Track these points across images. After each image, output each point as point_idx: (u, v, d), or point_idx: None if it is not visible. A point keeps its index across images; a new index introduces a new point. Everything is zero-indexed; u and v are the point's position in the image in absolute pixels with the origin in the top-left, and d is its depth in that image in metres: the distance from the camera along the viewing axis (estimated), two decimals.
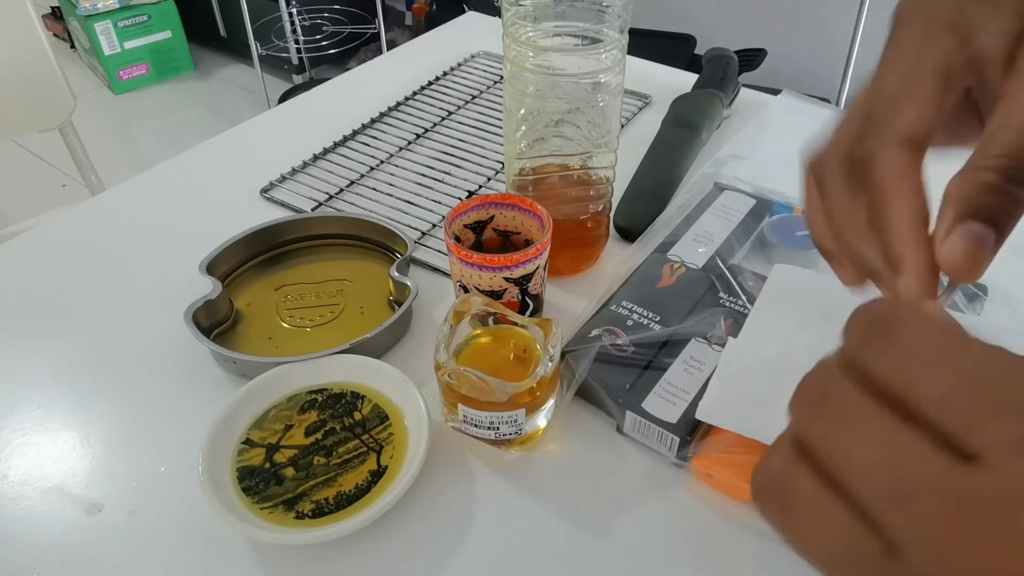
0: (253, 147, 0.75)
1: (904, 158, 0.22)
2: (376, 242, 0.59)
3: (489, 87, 0.85)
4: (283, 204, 0.66)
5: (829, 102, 1.00)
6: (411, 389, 0.45)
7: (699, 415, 0.42)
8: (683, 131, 0.69)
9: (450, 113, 0.80)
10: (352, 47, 2.40)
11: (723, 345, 0.46)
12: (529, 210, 0.50)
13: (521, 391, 0.42)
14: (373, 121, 0.78)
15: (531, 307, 0.51)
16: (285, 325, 0.54)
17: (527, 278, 0.48)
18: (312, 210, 0.65)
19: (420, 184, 0.69)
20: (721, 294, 0.51)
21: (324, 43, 2.34)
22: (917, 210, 0.22)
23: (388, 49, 2.12)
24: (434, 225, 0.64)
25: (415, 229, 0.63)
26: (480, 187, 0.68)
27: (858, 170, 0.23)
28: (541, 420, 0.45)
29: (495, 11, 0.88)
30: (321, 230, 0.60)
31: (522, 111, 0.52)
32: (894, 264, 0.23)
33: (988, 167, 0.21)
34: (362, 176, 0.70)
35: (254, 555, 0.40)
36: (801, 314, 0.48)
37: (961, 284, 0.24)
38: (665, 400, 0.44)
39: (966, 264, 0.22)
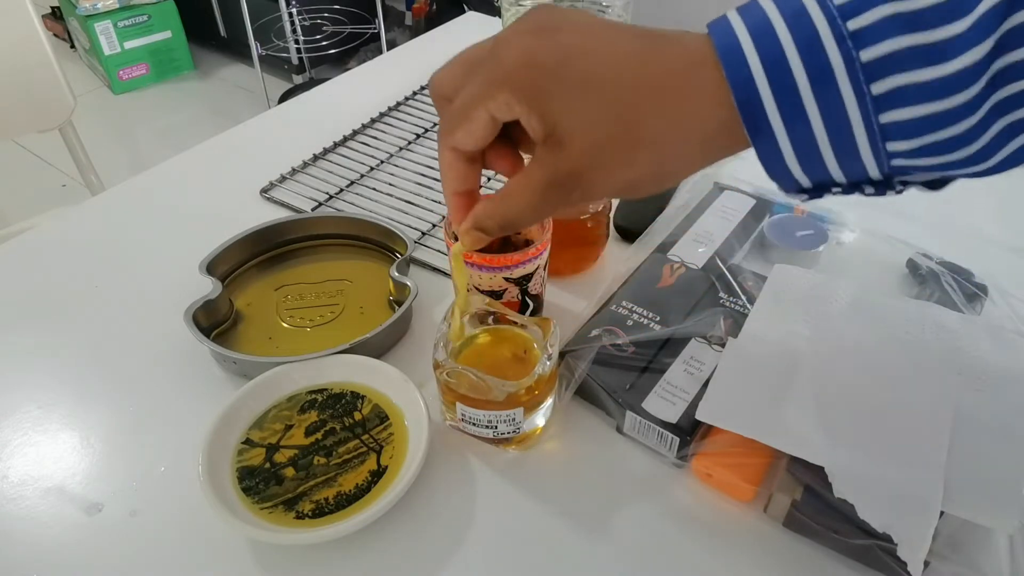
0: (253, 147, 0.75)
1: (450, 157, 0.33)
2: (376, 242, 0.59)
3: None
4: (283, 204, 0.66)
5: None
6: (411, 389, 0.45)
7: (699, 415, 0.42)
8: None
9: None
10: (352, 47, 2.40)
11: (723, 345, 0.46)
12: None
13: (519, 390, 0.42)
14: (373, 121, 0.78)
15: (531, 307, 0.51)
16: (285, 325, 0.54)
17: (527, 278, 0.48)
18: (312, 210, 0.65)
19: (420, 184, 0.69)
20: (721, 294, 0.51)
21: (324, 43, 2.34)
22: (452, 189, 0.35)
23: (388, 49, 2.12)
24: (434, 225, 0.64)
25: (415, 229, 0.63)
26: (480, 187, 0.68)
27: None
28: (539, 419, 0.45)
29: (495, 11, 0.88)
30: (321, 230, 0.60)
31: None
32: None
33: (482, 228, 0.34)
34: (362, 176, 0.70)
35: (254, 555, 0.40)
36: (801, 314, 0.48)
37: None
38: (665, 400, 0.44)
39: (470, 242, 0.36)
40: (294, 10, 2.33)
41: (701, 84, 0.27)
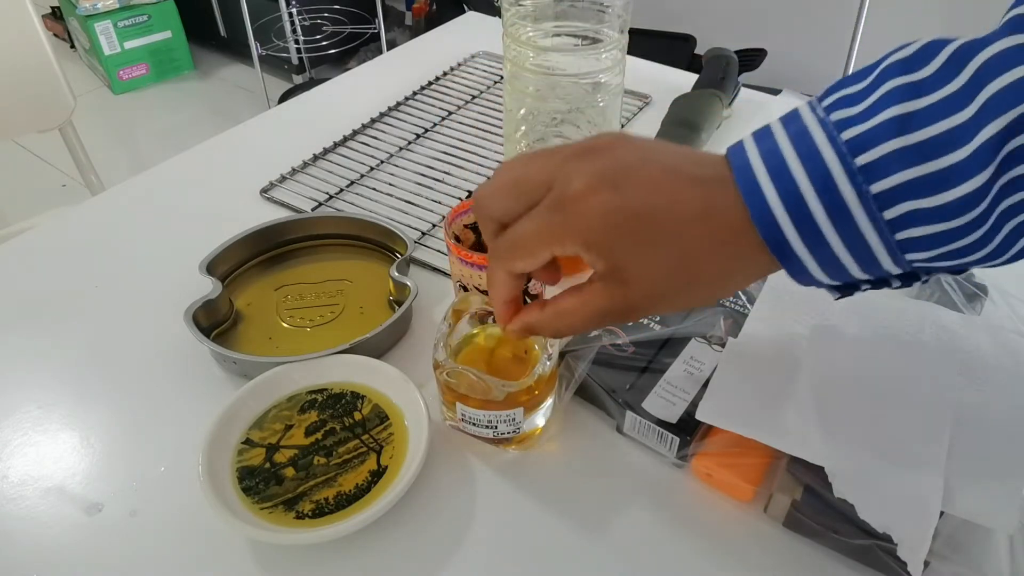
0: (253, 147, 0.75)
1: (504, 276, 0.36)
2: (376, 242, 0.59)
3: (489, 87, 0.85)
4: (283, 204, 0.66)
5: None
6: (411, 389, 0.45)
7: (699, 415, 0.42)
8: (683, 131, 0.69)
9: (450, 113, 0.80)
10: (352, 47, 2.40)
11: (723, 345, 0.46)
12: None
13: (519, 390, 0.42)
14: (373, 121, 0.78)
15: None
16: (285, 325, 0.54)
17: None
18: (312, 210, 0.65)
19: (420, 184, 0.69)
20: None
21: (324, 43, 2.34)
22: (502, 299, 0.37)
23: (388, 49, 2.12)
24: (434, 225, 0.64)
25: (415, 229, 0.63)
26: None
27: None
28: (539, 419, 0.45)
29: (495, 11, 0.88)
30: (321, 230, 0.60)
31: (522, 111, 0.52)
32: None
33: (534, 332, 0.37)
34: (362, 176, 0.70)
35: (254, 555, 0.40)
36: (801, 314, 0.48)
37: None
38: (665, 400, 0.44)
39: (516, 336, 0.38)
40: (294, 10, 2.33)
41: (735, 224, 0.30)
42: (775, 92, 0.77)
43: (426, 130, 0.77)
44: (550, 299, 0.36)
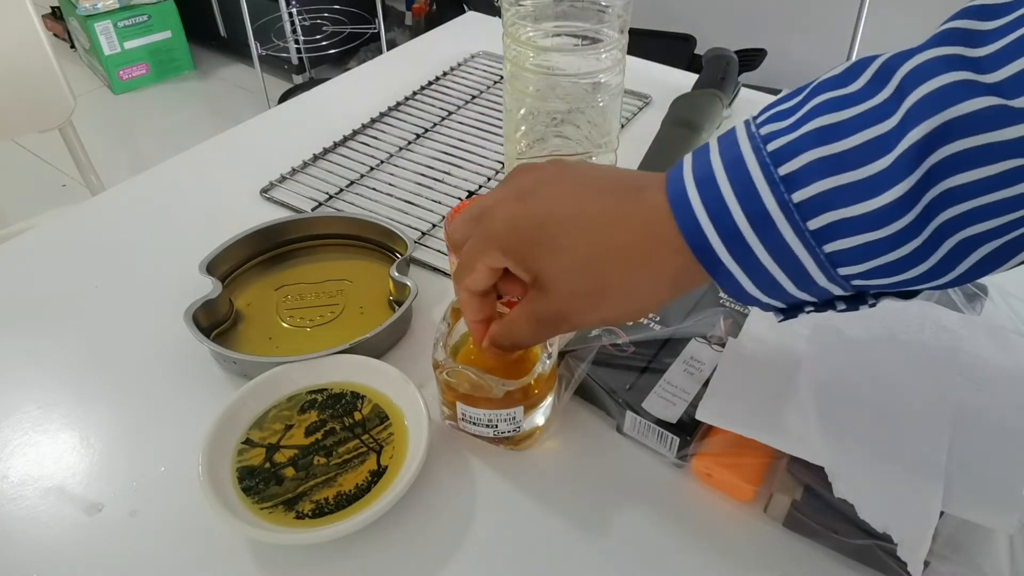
0: (253, 147, 0.75)
1: (465, 296, 0.38)
2: (376, 242, 0.60)
3: (489, 87, 0.85)
4: (283, 204, 0.66)
5: None
6: (411, 389, 0.45)
7: (699, 415, 0.42)
8: (683, 131, 0.69)
9: (450, 113, 0.80)
10: (352, 47, 2.40)
11: (723, 345, 0.46)
12: None
13: (518, 389, 0.42)
14: (373, 121, 0.78)
15: None
16: (285, 325, 0.54)
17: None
18: (312, 210, 0.65)
19: (420, 184, 0.69)
20: (721, 294, 0.51)
21: (324, 43, 2.34)
22: (472, 318, 0.39)
23: (388, 49, 2.12)
24: (434, 225, 0.64)
25: (415, 229, 0.63)
26: (480, 187, 0.69)
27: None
28: (539, 418, 0.45)
29: (495, 11, 0.88)
30: (321, 230, 0.60)
31: (522, 111, 0.52)
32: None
33: (498, 346, 0.39)
34: (362, 176, 0.70)
35: (254, 555, 0.40)
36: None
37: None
38: (665, 400, 0.44)
39: (489, 353, 0.40)
40: (294, 10, 2.33)
41: (661, 237, 0.31)
42: (775, 92, 0.77)
43: (426, 130, 0.77)
44: (505, 315, 0.39)
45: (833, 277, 0.28)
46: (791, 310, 0.32)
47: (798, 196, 0.27)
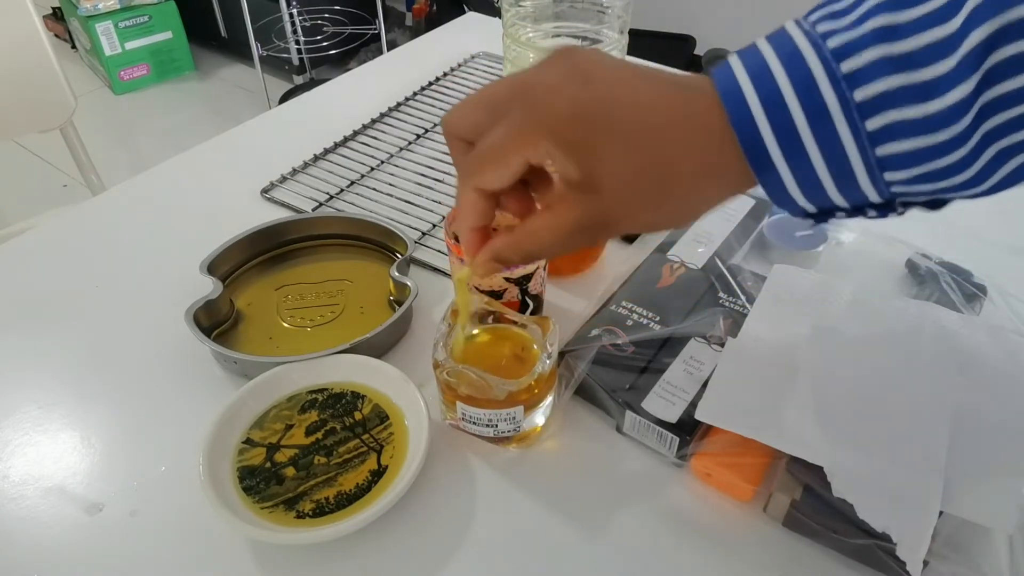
0: (253, 147, 0.75)
1: (473, 197, 0.33)
2: (376, 242, 0.60)
3: None
4: (283, 204, 0.67)
5: None
6: (411, 389, 0.45)
7: (699, 415, 0.42)
8: None
9: None
10: (353, 48, 2.40)
11: (723, 345, 0.46)
12: None
13: (519, 388, 0.42)
14: (373, 121, 0.78)
15: (531, 307, 0.51)
16: (285, 325, 0.54)
17: (527, 278, 0.48)
18: (312, 210, 0.65)
19: (420, 184, 0.69)
20: (720, 294, 0.51)
21: (325, 43, 2.34)
22: (470, 225, 0.35)
23: (389, 50, 2.12)
24: (434, 225, 0.64)
25: (415, 229, 0.63)
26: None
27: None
28: (539, 418, 0.45)
29: (495, 12, 0.88)
30: (321, 230, 0.60)
31: None
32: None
33: (501, 259, 0.35)
34: (362, 176, 0.70)
35: (254, 555, 0.40)
36: (800, 314, 0.48)
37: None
38: (665, 400, 0.44)
39: (484, 271, 0.36)
40: (295, 10, 2.33)
41: (713, 127, 0.29)
42: None
43: (426, 130, 0.77)
44: (518, 224, 0.34)
45: (877, 181, 0.28)
46: (821, 215, 0.31)
47: (860, 94, 0.26)
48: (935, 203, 0.30)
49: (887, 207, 0.30)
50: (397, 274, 0.53)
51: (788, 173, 0.29)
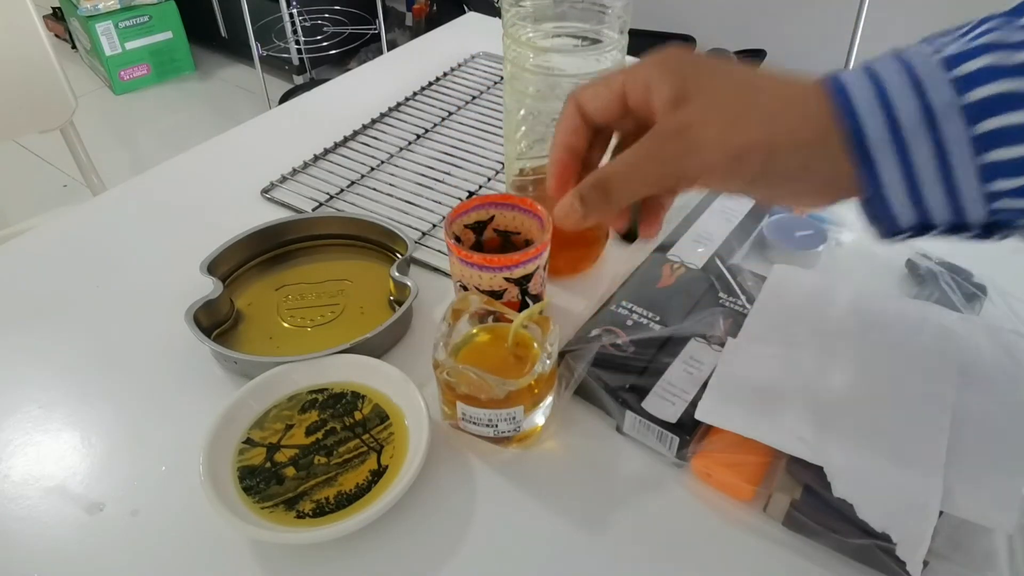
0: (253, 147, 0.76)
1: (571, 107, 0.36)
2: (376, 242, 0.60)
3: (489, 87, 0.85)
4: (284, 204, 0.67)
5: None
6: (411, 389, 0.45)
7: (699, 415, 0.42)
8: None
9: (450, 114, 0.80)
10: (353, 48, 2.40)
11: (723, 345, 0.46)
12: (529, 210, 0.50)
13: (519, 388, 0.42)
14: (373, 121, 0.79)
15: (531, 307, 0.51)
16: (286, 325, 0.54)
17: (527, 278, 0.48)
18: (312, 210, 0.66)
19: (420, 184, 0.69)
20: (720, 294, 0.51)
21: (325, 44, 2.34)
22: (561, 139, 0.37)
23: (388, 50, 2.12)
24: (434, 225, 0.64)
25: (415, 229, 0.63)
26: (480, 187, 0.69)
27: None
28: (539, 418, 0.45)
29: (495, 11, 0.88)
30: (322, 230, 0.60)
31: (522, 111, 0.52)
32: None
33: (581, 196, 0.35)
34: (362, 176, 0.70)
35: (255, 555, 0.40)
36: (800, 314, 0.48)
37: None
38: (665, 400, 0.44)
39: (562, 217, 0.36)
40: (295, 11, 2.33)
41: (816, 110, 0.30)
42: None
43: (426, 130, 0.77)
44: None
45: (980, 190, 0.28)
46: (916, 230, 0.32)
47: (971, 96, 0.27)
48: None
49: (988, 230, 0.30)
50: (397, 274, 0.53)
51: (889, 172, 0.29)
